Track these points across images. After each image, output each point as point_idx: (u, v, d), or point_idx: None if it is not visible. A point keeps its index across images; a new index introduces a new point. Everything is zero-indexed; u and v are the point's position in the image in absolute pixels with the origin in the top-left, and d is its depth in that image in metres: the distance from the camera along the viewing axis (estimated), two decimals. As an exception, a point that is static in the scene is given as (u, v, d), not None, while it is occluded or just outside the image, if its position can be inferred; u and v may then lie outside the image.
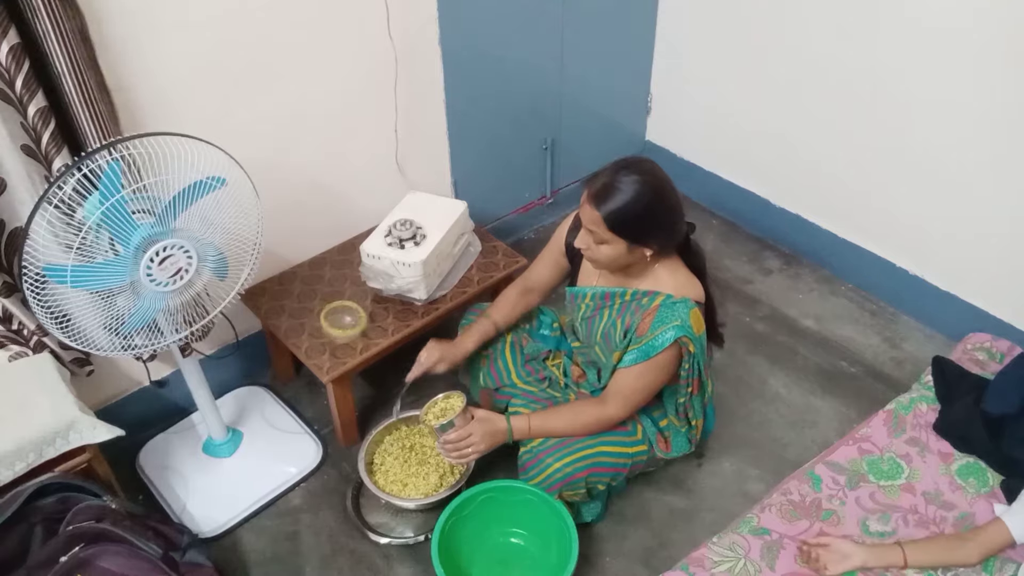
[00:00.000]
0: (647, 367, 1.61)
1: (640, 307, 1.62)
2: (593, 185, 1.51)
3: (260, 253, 1.63)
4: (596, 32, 2.55)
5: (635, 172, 1.50)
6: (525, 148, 2.64)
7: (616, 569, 1.80)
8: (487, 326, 1.87)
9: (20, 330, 1.65)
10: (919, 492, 1.74)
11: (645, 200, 1.49)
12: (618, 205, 1.48)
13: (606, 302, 1.70)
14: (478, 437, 1.67)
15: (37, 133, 1.48)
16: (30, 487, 1.50)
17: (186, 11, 1.67)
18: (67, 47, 1.42)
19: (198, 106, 1.78)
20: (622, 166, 1.51)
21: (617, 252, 1.54)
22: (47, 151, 1.50)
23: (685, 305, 1.58)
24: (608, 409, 1.69)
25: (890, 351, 2.34)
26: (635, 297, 1.64)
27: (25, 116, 1.45)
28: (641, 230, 1.52)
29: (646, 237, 1.54)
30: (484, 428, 1.68)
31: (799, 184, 2.60)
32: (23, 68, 1.40)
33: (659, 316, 1.58)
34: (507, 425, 1.70)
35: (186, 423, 2.10)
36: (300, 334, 1.95)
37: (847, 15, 2.21)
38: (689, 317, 1.57)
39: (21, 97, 1.43)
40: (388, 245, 1.96)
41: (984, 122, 2.04)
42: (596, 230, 1.52)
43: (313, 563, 1.82)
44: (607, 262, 1.58)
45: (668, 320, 1.57)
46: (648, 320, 1.59)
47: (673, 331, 1.56)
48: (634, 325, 1.62)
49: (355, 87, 2.05)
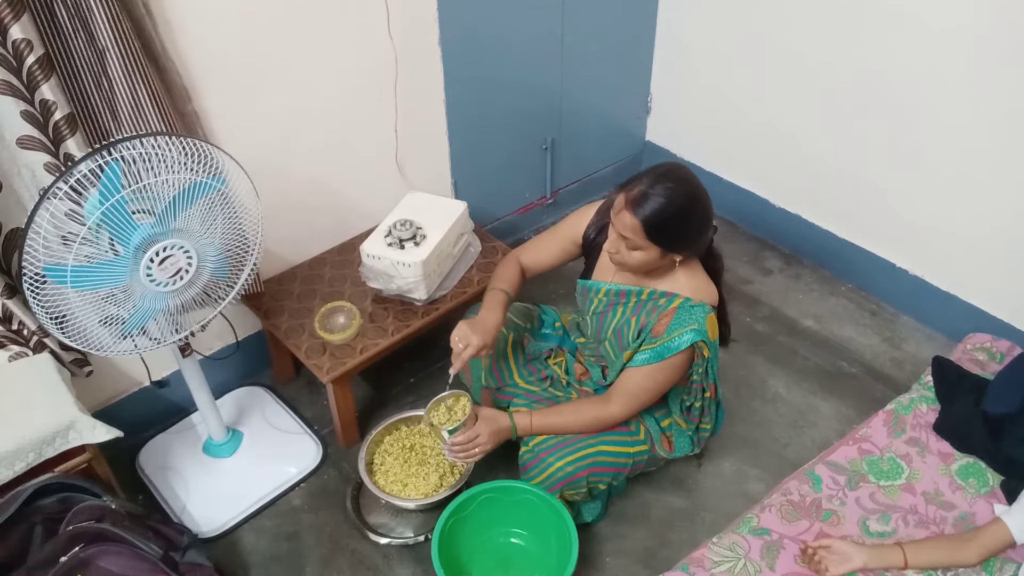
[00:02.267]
0: (659, 368, 1.62)
1: (656, 307, 1.63)
2: (631, 192, 1.51)
3: (260, 253, 1.63)
4: (596, 32, 2.55)
5: (672, 181, 1.50)
6: (525, 148, 2.64)
7: (616, 569, 1.80)
8: (502, 298, 1.79)
9: (20, 330, 1.65)
10: (919, 492, 1.74)
11: (683, 210, 1.50)
12: (657, 214, 1.48)
13: (620, 299, 1.70)
14: (485, 437, 1.67)
15: (45, 119, 1.47)
16: (30, 487, 1.50)
17: (187, 13, 1.67)
18: (114, 22, 1.45)
19: (198, 105, 1.78)
20: (660, 174, 1.51)
21: (650, 258, 1.55)
22: (57, 133, 1.50)
23: (703, 309, 1.58)
24: (612, 407, 1.69)
25: (890, 351, 2.34)
26: (652, 297, 1.64)
27: (32, 102, 1.45)
28: (677, 239, 1.54)
29: (680, 246, 1.55)
30: (490, 428, 1.68)
31: (799, 184, 2.60)
32: (34, 51, 1.40)
33: (676, 318, 1.58)
34: (511, 423, 1.70)
35: (186, 423, 2.10)
36: (300, 334, 1.95)
37: (847, 15, 2.21)
38: (706, 322, 1.58)
39: (30, 80, 1.42)
40: (388, 245, 1.96)
41: (984, 122, 2.04)
42: (632, 237, 1.52)
43: (313, 563, 1.82)
44: (636, 267, 1.59)
45: (685, 323, 1.57)
46: (665, 322, 1.59)
47: (691, 335, 1.56)
48: (649, 325, 1.62)
49: (355, 87, 2.05)
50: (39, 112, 1.46)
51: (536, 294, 2.54)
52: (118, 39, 1.48)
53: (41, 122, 1.47)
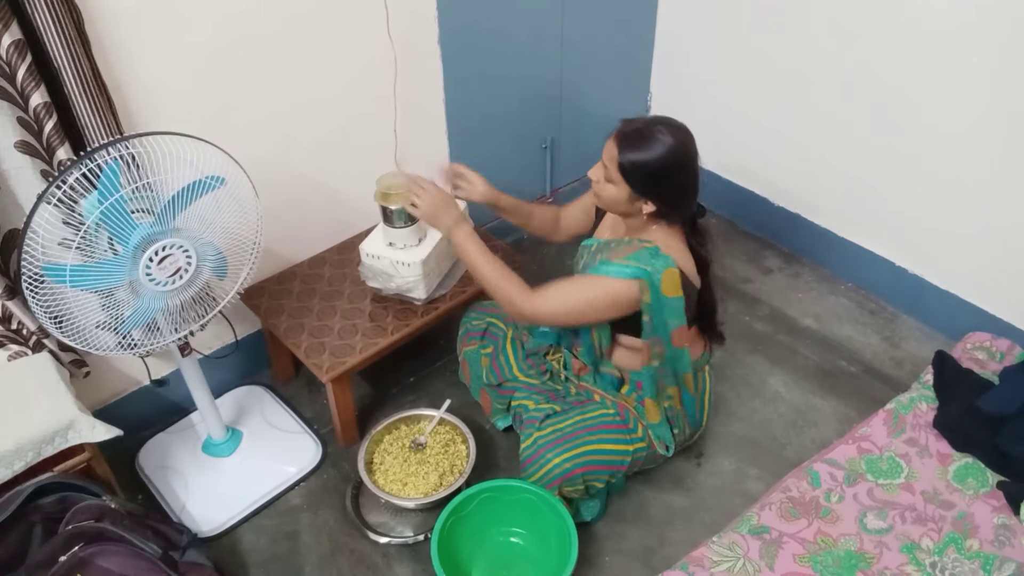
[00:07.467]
0: (593, 281, 1.60)
1: (627, 245, 1.65)
2: (626, 126, 1.56)
3: (259, 253, 1.63)
4: (596, 31, 2.55)
5: (669, 133, 1.53)
6: (525, 148, 2.64)
7: (616, 568, 1.80)
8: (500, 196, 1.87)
9: (19, 330, 1.65)
10: (918, 491, 1.74)
11: (665, 161, 1.53)
12: (637, 152, 1.53)
13: (605, 248, 1.72)
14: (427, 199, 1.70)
15: (39, 126, 1.47)
16: (30, 486, 1.50)
17: (186, 11, 1.67)
18: (66, 41, 1.43)
19: (198, 105, 1.78)
20: (660, 121, 1.55)
21: (619, 196, 1.59)
22: (49, 143, 1.50)
23: (665, 261, 1.58)
24: (532, 296, 1.62)
25: (890, 351, 2.34)
26: (629, 242, 1.67)
27: (26, 109, 1.45)
28: (648, 185, 1.56)
29: (649, 193, 1.57)
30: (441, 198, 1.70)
31: (799, 183, 2.60)
32: (26, 60, 1.40)
33: (635, 255, 1.59)
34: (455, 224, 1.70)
35: (185, 423, 2.10)
36: (299, 334, 1.95)
37: (847, 15, 2.21)
38: (662, 272, 1.57)
39: (23, 89, 1.43)
40: (388, 245, 1.96)
41: (984, 122, 2.04)
42: (609, 166, 1.57)
43: (313, 563, 1.82)
44: (608, 202, 1.63)
45: (641, 261, 1.57)
46: (624, 253, 1.61)
47: (637, 270, 1.56)
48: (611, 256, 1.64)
49: (355, 87, 2.05)
50: (33, 120, 1.47)
51: (536, 293, 2.54)
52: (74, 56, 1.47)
53: (35, 130, 1.48)
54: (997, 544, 1.63)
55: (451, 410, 2.00)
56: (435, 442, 1.95)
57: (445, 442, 1.95)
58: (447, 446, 1.94)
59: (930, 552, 1.62)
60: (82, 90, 1.49)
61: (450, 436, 1.97)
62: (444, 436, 1.97)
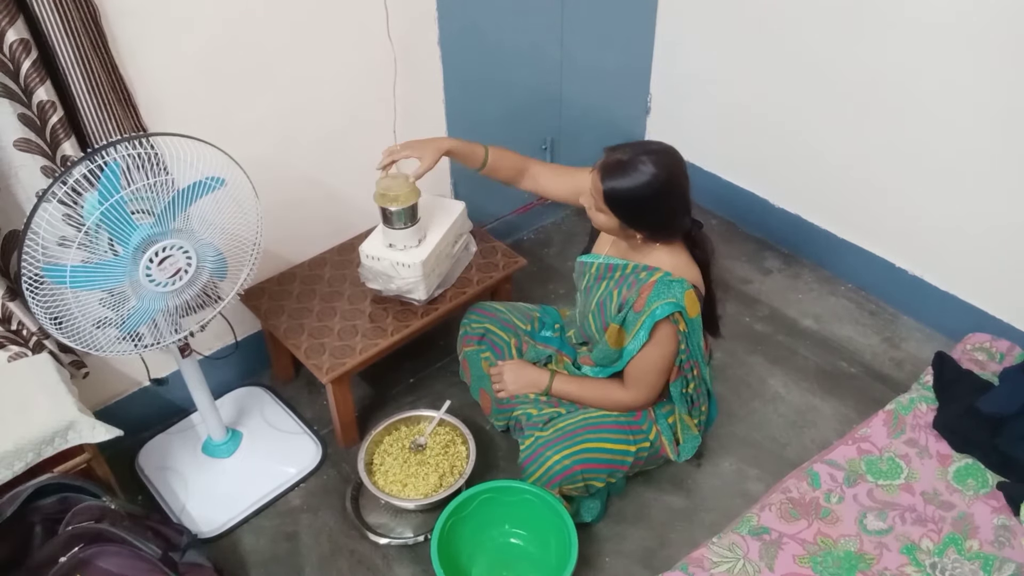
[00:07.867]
0: (652, 345, 1.64)
1: (638, 280, 1.65)
2: (610, 156, 1.55)
3: (259, 253, 1.63)
4: (596, 32, 2.55)
5: (652, 163, 1.52)
6: (525, 148, 2.60)
7: (616, 569, 1.80)
8: (475, 146, 1.84)
9: (20, 330, 1.65)
10: (918, 492, 1.74)
11: (646, 193, 1.52)
12: (620, 186, 1.53)
13: (608, 273, 1.72)
14: (509, 375, 1.83)
15: (42, 121, 1.47)
16: (30, 487, 1.50)
17: (186, 12, 1.67)
18: (73, 36, 1.43)
19: (198, 106, 1.78)
20: (643, 151, 1.53)
21: (611, 224, 1.61)
22: (54, 137, 1.49)
23: (681, 285, 1.60)
24: (624, 391, 1.75)
25: (890, 351, 2.34)
26: (635, 271, 1.66)
27: (29, 105, 1.44)
28: (634, 217, 1.57)
29: (637, 224, 1.59)
30: (515, 367, 1.83)
31: (799, 184, 2.60)
32: (31, 55, 1.39)
33: (655, 291, 1.60)
34: (538, 368, 1.84)
35: (185, 423, 2.10)
36: (299, 334, 1.95)
37: (847, 15, 2.21)
38: (684, 297, 1.59)
39: (27, 84, 1.42)
40: (387, 246, 1.96)
41: (984, 122, 2.04)
42: (596, 197, 1.58)
43: (312, 563, 1.82)
44: (602, 227, 1.66)
45: (664, 296, 1.59)
46: (645, 295, 1.61)
47: (669, 306, 1.59)
48: (631, 300, 1.64)
49: (354, 87, 2.05)
50: (36, 116, 1.46)
51: (536, 294, 2.54)
52: (81, 52, 1.47)
53: (38, 125, 1.48)
54: (997, 545, 1.63)
55: (451, 411, 2.00)
56: (435, 443, 1.95)
57: (445, 443, 1.95)
58: (447, 447, 1.94)
59: (930, 553, 1.62)
60: (89, 87, 1.49)
61: (450, 437, 1.97)
62: (444, 437, 1.97)
